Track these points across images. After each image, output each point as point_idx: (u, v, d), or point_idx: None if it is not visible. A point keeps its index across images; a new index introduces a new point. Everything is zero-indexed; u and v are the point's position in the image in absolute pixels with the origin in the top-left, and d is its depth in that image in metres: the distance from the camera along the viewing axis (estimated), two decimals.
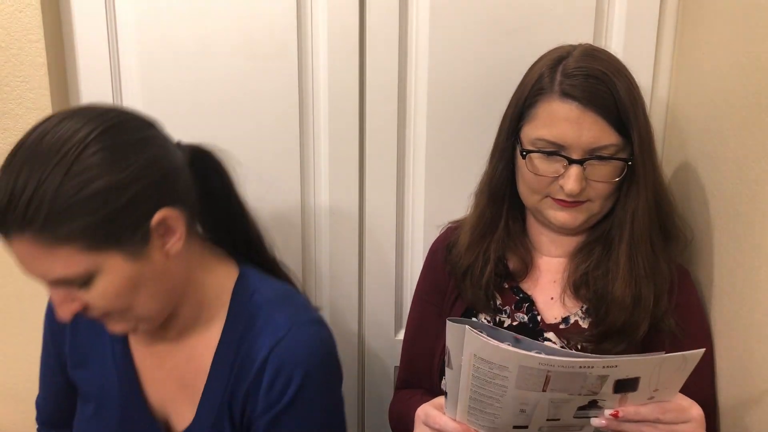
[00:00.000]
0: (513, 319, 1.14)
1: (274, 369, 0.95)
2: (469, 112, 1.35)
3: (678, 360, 0.84)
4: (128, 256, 0.86)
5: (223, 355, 0.99)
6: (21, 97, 1.29)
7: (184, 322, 1.01)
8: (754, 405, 1.04)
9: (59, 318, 0.89)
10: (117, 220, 0.84)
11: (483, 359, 0.82)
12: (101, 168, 0.82)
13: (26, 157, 0.82)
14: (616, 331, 1.07)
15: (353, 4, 1.31)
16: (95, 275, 0.85)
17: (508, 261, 1.17)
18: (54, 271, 0.83)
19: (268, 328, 0.97)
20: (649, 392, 0.86)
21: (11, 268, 1.37)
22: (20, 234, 0.81)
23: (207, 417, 0.99)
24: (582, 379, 0.83)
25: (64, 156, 0.81)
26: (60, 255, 0.82)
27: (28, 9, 1.25)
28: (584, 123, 1.02)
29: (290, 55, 1.32)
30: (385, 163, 1.39)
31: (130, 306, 0.90)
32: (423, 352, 1.22)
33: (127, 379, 1.03)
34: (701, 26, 1.23)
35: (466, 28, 1.31)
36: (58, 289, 0.87)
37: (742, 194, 1.07)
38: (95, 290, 0.86)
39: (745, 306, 1.06)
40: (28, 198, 0.79)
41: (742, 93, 1.08)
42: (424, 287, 1.26)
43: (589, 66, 1.03)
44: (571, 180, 1.03)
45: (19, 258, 0.84)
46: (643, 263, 1.07)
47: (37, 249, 0.81)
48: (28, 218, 0.80)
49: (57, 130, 0.83)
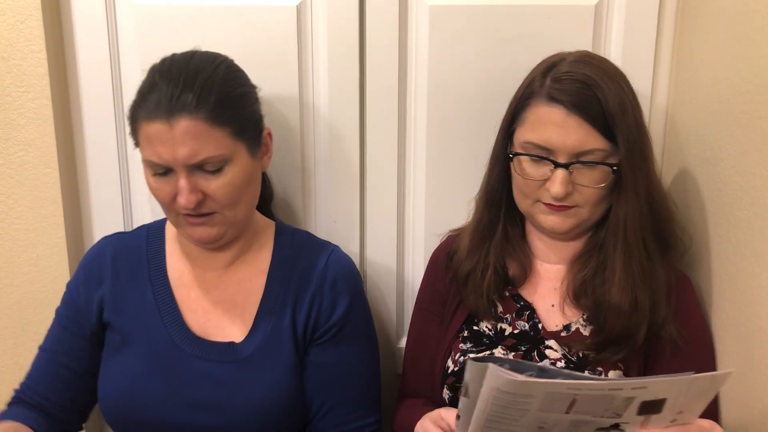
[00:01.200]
0: (514, 327, 1.14)
1: (333, 273, 1.17)
2: (470, 118, 1.35)
3: (706, 381, 0.83)
4: (250, 154, 1.09)
5: (278, 270, 1.17)
6: (23, 107, 1.29)
7: (238, 249, 1.18)
8: (756, 411, 1.03)
9: (184, 204, 1.03)
10: (251, 119, 1.09)
11: (506, 392, 0.80)
12: (242, 79, 1.10)
13: (181, 68, 1.04)
14: (615, 338, 1.07)
15: (353, 13, 1.31)
16: (228, 162, 1.05)
17: (507, 267, 1.17)
18: (205, 149, 1.02)
19: (318, 249, 1.20)
20: (672, 415, 0.85)
21: (12, 278, 1.37)
22: (194, 113, 1.01)
23: (264, 326, 1.14)
24: (608, 402, 0.81)
25: (222, 63, 1.08)
26: (215, 135, 1.02)
27: (29, 20, 1.26)
28: (569, 127, 1.02)
29: (290, 63, 1.33)
30: (385, 171, 1.39)
31: (238, 201, 1.08)
32: (425, 361, 1.22)
33: (170, 315, 1.15)
34: (700, 33, 1.24)
35: (465, 34, 1.32)
36: (192, 176, 1.04)
37: (742, 200, 1.07)
38: (223, 177, 1.05)
39: (745, 312, 1.06)
40: (201, 84, 1.02)
41: (741, 99, 1.08)
42: (425, 297, 1.26)
43: (578, 71, 1.04)
44: (556, 183, 1.04)
45: (183, 136, 1.01)
46: (639, 269, 1.07)
47: (201, 128, 1.01)
48: (203, 99, 1.01)
49: (200, 53, 1.09)
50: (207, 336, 1.15)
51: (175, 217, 1.11)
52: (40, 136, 1.30)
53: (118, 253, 1.21)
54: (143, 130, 1.04)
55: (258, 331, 1.15)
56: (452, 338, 1.18)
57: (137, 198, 1.40)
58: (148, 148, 1.04)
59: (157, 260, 1.20)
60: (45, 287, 1.38)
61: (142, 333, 1.15)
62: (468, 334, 1.17)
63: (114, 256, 1.20)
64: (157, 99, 1.02)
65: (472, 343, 1.16)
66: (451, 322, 1.19)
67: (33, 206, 1.33)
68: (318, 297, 1.15)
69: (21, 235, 1.35)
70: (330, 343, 1.16)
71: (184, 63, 1.06)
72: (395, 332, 1.48)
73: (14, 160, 1.31)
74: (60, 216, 1.34)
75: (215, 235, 1.10)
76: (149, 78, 1.07)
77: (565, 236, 1.13)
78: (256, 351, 1.13)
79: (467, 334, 1.17)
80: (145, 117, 1.03)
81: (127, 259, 1.20)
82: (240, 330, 1.15)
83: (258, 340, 1.14)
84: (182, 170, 1.03)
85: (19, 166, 1.32)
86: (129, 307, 1.17)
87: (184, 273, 1.19)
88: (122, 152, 1.37)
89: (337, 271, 1.18)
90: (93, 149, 1.37)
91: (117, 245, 1.22)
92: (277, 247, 1.20)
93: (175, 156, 1.02)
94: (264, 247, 1.20)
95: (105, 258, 1.20)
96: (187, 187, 1.03)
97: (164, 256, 1.21)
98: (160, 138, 1.02)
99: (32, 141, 1.31)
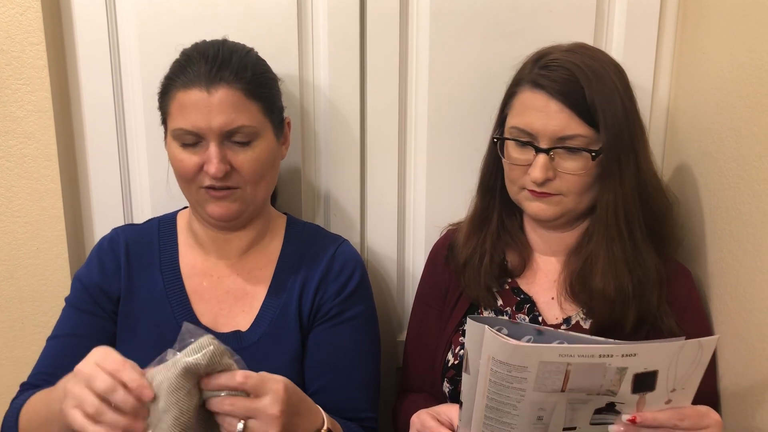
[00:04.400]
0: (514, 320, 1.14)
1: (341, 261, 1.20)
2: (470, 112, 1.35)
3: (694, 348, 0.83)
4: (274, 135, 1.14)
5: (286, 261, 1.20)
6: (22, 100, 1.29)
7: (252, 237, 1.20)
8: (756, 404, 1.04)
9: (214, 172, 1.06)
10: (277, 103, 1.16)
11: (501, 362, 0.81)
12: (269, 67, 1.17)
13: (217, 47, 1.10)
14: (606, 326, 1.07)
15: (354, 7, 1.31)
16: (257, 137, 1.10)
17: (507, 258, 1.17)
18: (240, 119, 1.07)
19: (327, 240, 1.24)
20: (666, 393, 0.86)
21: (12, 271, 1.37)
22: (233, 83, 1.07)
23: (270, 314, 1.16)
24: (601, 373, 0.82)
25: (252, 50, 1.16)
26: (250, 108, 1.09)
27: (29, 12, 1.25)
28: (551, 112, 1.04)
29: (291, 57, 1.32)
30: (386, 164, 1.39)
31: (260, 179, 1.12)
32: (425, 355, 1.22)
33: (180, 306, 1.16)
34: (702, 27, 1.23)
35: (466, 29, 1.32)
36: (222, 147, 1.07)
37: (743, 193, 1.07)
38: (252, 151, 1.09)
39: (746, 305, 1.06)
40: (238, 62, 1.09)
41: (742, 93, 1.08)
42: (425, 291, 1.26)
43: (565, 59, 1.05)
44: (536, 168, 1.05)
45: (221, 104, 1.06)
46: (622, 256, 1.07)
47: (239, 98, 1.08)
48: (240, 73, 1.08)
49: (229, 41, 1.15)
50: (216, 326, 1.16)
51: (195, 193, 1.12)
52: (39, 129, 1.30)
53: (131, 243, 1.21)
54: (177, 100, 1.08)
55: (264, 319, 1.16)
56: (452, 331, 1.18)
57: (137, 190, 1.40)
58: (181, 117, 1.07)
59: (168, 251, 1.21)
60: (45, 280, 1.37)
61: (151, 322, 1.15)
62: None
63: (127, 247, 1.21)
64: (196, 70, 1.07)
65: None
66: (452, 315, 1.19)
67: (33, 199, 1.33)
68: (325, 280, 1.18)
69: (21, 227, 1.35)
70: (331, 323, 1.17)
71: (219, 44, 1.12)
72: (395, 326, 1.48)
73: (14, 153, 1.31)
74: (60, 208, 1.34)
75: (235, 212, 1.12)
76: (184, 56, 1.12)
77: (554, 225, 1.14)
78: (262, 338, 1.15)
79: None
80: (182, 86, 1.07)
81: (139, 249, 1.21)
82: (247, 318, 1.16)
83: (263, 328, 1.15)
84: (214, 139, 1.07)
85: (18, 158, 1.31)
86: (140, 296, 1.18)
87: (197, 263, 1.20)
88: (122, 144, 1.37)
89: (345, 260, 1.21)
90: (93, 141, 1.37)
91: (130, 236, 1.22)
92: (288, 237, 1.23)
93: (211, 123, 1.06)
94: (275, 237, 1.23)
95: (119, 247, 1.20)
96: (218, 156, 1.06)
97: (176, 248, 1.21)
98: (197, 105, 1.06)
99: (32, 133, 1.30)
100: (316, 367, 1.16)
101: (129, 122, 1.36)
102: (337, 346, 1.17)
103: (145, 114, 1.35)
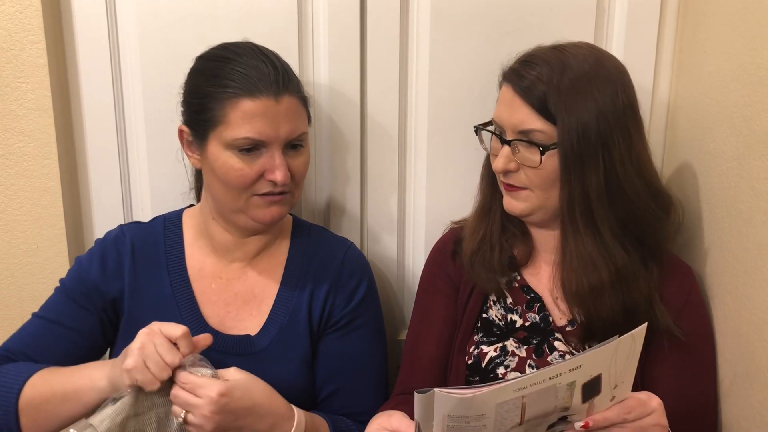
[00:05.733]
0: (525, 320, 1.14)
1: (350, 269, 1.21)
2: (470, 111, 1.35)
3: (628, 341, 0.85)
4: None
5: (295, 264, 1.21)
6: (22, 98, 1.29)
7: (266, 240, 1.21)
8: (756, 404, 1.03)
9: (282, 179, 1.08)
10: None
11: (458, 416, 0.80)
12: None
13: (260, 51, 1.12)
14: (592, 323, 1.08)
15: (354, 6, 1.31)
16: (305, 142, 1.14)
17: (514, 250, 1.17)
18: (301, 126, 1.11)
19: (335, 242, 1.25)
20: (610, 392, 0.87)
21: (12, 270, 1.37)
22: (295, 92, 1.10)
23: (280, 319, 1.17)
24: (554, 395, 0.82)
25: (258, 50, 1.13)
26: (304, 115, 1.13)
27: (29, 10, 1.25)
28: (514, 106, 1.07)
29: (291, 55, 1.32)
30: (386, 163, 1.39)
31: (302, 181, 1.16)
32: (429, 345, 1.20)
33: (188, 307, 1.17)
34: (702, 26, 1.23)
35: (466, 27, 1.32)
36: (285, 152, 1.10)
37: (744, 192, 1.07)
38: (303, 156, 1.13)
39: (747, 305, 1.06)
40: (290, 69, 1.13)
41: (743, 91, 1.08)
42: (432, 280, 1.24)
43: (539, 55, 1.07)
44: (499, 158, 1.09)
45: (287, 112, 1.09)
46: (588, 252, 1.07)
47: (298, 106, 1.11)
48: (297, 82, 1.13)
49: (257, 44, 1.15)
50: (224, 329, 1.16)
51: (245, 200, 1.11)
52: (39, 127, 1.30)
53: (137, 242, 1.20)
54: (240, 107, 1.06)
55: (273, 323, 1.16)
56: (471, 330, 1.17)
57: (137, 189, 1.40)
58: (244, 125, 1.06)
59: (175, 251, 1.20)
60: (44, 278, 1.37)
61: None
62: (480, 323, 1.17)
63: (133, 246, 1.20)
64: (258, 75, 1.07)
65: (483, 333, 1.16)
66: (466, 306, 1.18)
67: (32, 197, 1.33)
68: (334, 289, 1.19)
69: (20, 226, 1.35)
70: (342, 332, 1.19)
71: (257, 48, 1.12)
72: (395, 325, 1.47)
73: (13, 151, 1.31)
74: (59, 207, 1.34)
75: (282, 214, 1.14)
76: (224, 60, 1.10)
77: (537, 223, 1.15)
78: (272, 344, 1.15)
79: (479, 323, 1.17)
80: (246, 93, 1.06)
81: (145, 249, 1.20)
82: (256, 322, 1.17)
83: (273, 333, 1.15)
84: (278, 147, 1.09)
85: (18, 157, 1.31)
86: (147, 297, 1.17)
87: (206, 265, 1.20)
88: (122, 142, 1.37)
89: (354, 266, 1.22)
90: (92, 140, 1.37)
91: (136, 234, 1.21)
92: (295, 239, 1.24)
93: (278, 131, 1.08)
94: (283, 239, 1.24)
95: (125, 246, 1.19)
96: (285, 163, 1.09)
97: (183, 248, 1.21)
98: (265, 114, 1.06)
99: (32, 132, 1.30)
100: (327, 374, 1.17)
101: (129, 120, 1.36)
102: (348, 353, 1.19)
103: (145, 112, 1.35)
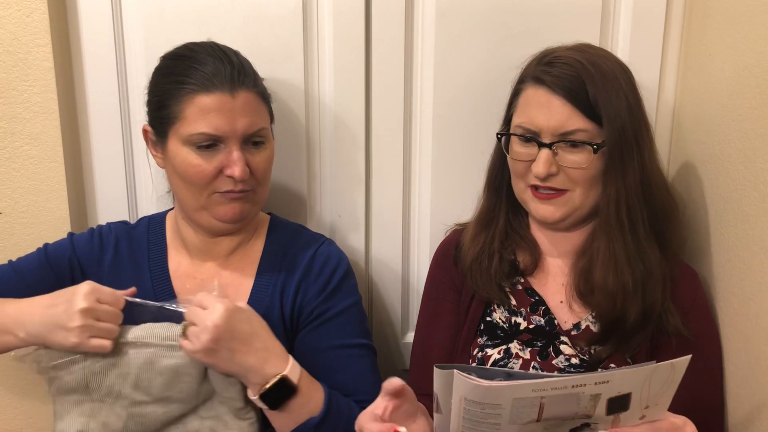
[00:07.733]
0: (529, 322, 1.14)
1: (321, 261, 1.19)
2: (475, 113, 1.35)
3: (667, 369, 0.83)
4: (272, 136, 1.18)
5: (268, 262, 1.20)
6: (28, 101, 1.29)
7: (239, 239, 1.21)
8: (762, 407, 1.03)
9: (240, 174, 1.08)
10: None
11: (474, 401, 0.80)
12: None
13: (217, 48, 1.11)
14: (610, 322, 1.07)
15: (359, 8, 1.31)
16: (266, 138, 1.13)
17: (518, 258, 1.17)
18: (259, 121, 1.11)
19: (309, 239, 1.24)
20: (640, 411, 0.85)
21: None
22: (251, 87, 1.10)
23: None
24: (575, 402, 0.82)
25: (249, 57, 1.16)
26: (263, 110, 1.13)
27: (35, 14, 1.25)
28: (553, 107, 1.04)
29: (296, 58, 1.32)
30: (391, 166, 1.39)
31: (266, 179, 1.15)
32: (436, 351, 1.20)
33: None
34: (707, 27, 1.23)
35: (471, 30, 1.31)
36: (244, 148, 1.09)
37: (750, 195, 1.06)
38: (264, 152, 1.13)
39: (753, 308, 1.05)
40: (248, 64, 1.13)
41: (748, 94, 1.07)
42: (436, 285, 1.24)
43: (566, 55, 1.06)
44: (539, 163, 1.06)
45: (244, 107, 1.08)
46: (623, 251, 1.06)
47: (256, 101, 1.11)
48: (255, 77, 1.12)
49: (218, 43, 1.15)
50: None
51: (206, 198, 1.11)
52: (45, 130, 1.30)
53: (121, 239, 1.23)
54: (195, 103, 1.06)
55: None
56: (473, 335, 1.17)
57: (142, 191, 1.40)
58: (200, 120, 1.06)
59: (158, 251, 1.22)
60: None
61: None
62: (483, 327, 1.16)
63: (117, 242, 1.23)
64: (213, 71, 1.07)
65: (488, 336, 1.15)
66: (468, 312, 1.17)
67: (38, 200, 1.34)
68: (304, 284, 1.18)
69: (26, 228, 1.35)
70: (316, 322, 1.17)
71: (216, 46, 1.12)
72: (400, 328, 1.47)
73: (20, 154, 1.31)
74: (65, 210, 1.34)
75: (246, 212, 1.14)
76: (182, 58, 1.10)
77: (560, 227, 1.13)
78: None
79: (482, 327, 1.16)
80: (201, 89, 1.06)
81: (130, 246, 1.23)
82: None
83: None
84: (236, 142, 1.08)
85: (24, 160, 1.32)
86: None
87: (182, 264, 1.21)
88: (127, 146, 1.37)
89: (326, 258, 1.20)
90: (98, 143, 1.37)
91: (121, 232, 1.25)
92: (270, 238, 1.23)
93: (235, 126, 1.07)
94: (258, 238, 1.23)
95: (108, 242, 1.23)
96: (242, 159, 1.08)
97: (165, 248, 1.22)
98: (221, 108, 1.06)
99: (38, 135, 1.31)
100: (310, 370, 1.14)
101: (134, 124, 1.37)
102: (325, 345, 1.16)
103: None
